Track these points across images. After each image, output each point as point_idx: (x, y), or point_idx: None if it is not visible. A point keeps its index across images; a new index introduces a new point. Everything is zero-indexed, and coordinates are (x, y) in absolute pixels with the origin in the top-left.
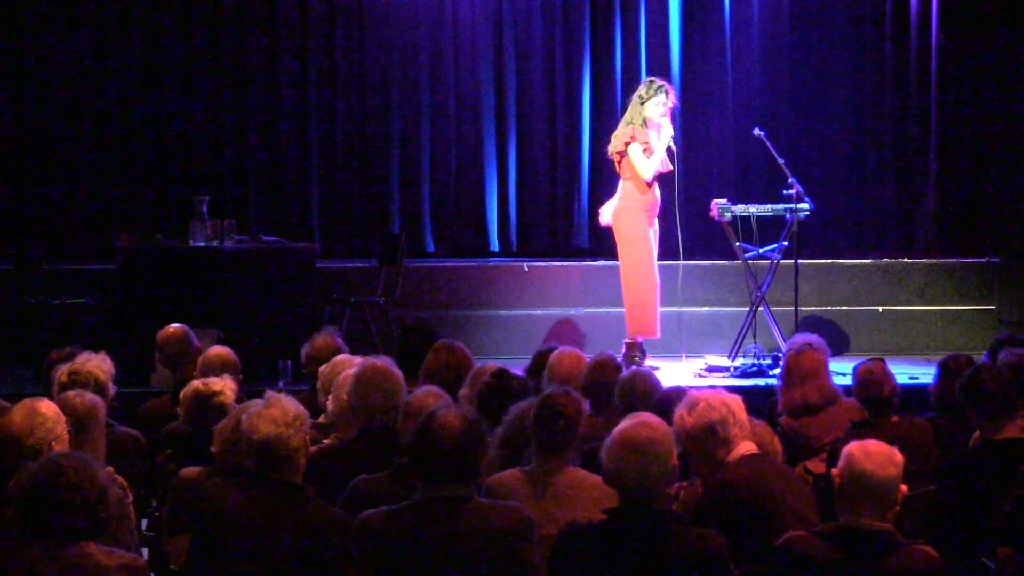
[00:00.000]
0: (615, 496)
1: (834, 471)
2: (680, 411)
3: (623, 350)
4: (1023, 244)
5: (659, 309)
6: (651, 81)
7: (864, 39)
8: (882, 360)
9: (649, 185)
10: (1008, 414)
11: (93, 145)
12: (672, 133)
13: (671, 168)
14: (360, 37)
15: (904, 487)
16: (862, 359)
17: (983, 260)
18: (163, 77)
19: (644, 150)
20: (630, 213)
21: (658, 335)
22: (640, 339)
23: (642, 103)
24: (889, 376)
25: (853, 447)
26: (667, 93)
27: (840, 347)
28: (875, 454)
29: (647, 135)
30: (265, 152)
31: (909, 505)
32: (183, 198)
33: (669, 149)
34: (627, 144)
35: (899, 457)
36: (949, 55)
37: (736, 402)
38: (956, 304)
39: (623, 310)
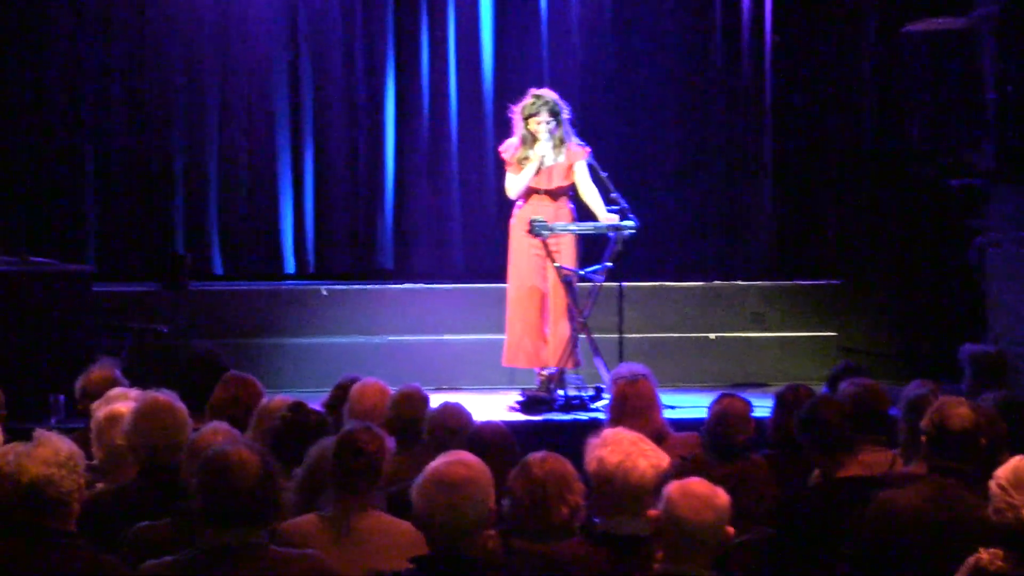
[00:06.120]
0: (423, 542)
1: (652, 513)
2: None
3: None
4: (866, 265)
5: (520, 336)
6: (537, 96)
7: (693, 45)
8: (748, 402)
9: (518, 203)
10: (849, 449)
11: None
12: (543, 153)
13: (558, 186)
14: (139, 37)
15: (730, 529)
16: (693, 390)
17: (823, 282)
18: None
19: (507, 165)
20: (511, 232)
21: (511, 364)
22: (540, 370)
23: (524, 117)
24: (749, 424)
25: (672, 489)
26: (553, 109)
27: (669, 378)
28: (694, 496)
29: (520, 151)
30: (34, 164)
31: (743, 548)
32: None
33: (557, 165)
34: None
35: (722, 499)
36: (784, 61)
37: None
38: (794, 330)
39: (435, 337)
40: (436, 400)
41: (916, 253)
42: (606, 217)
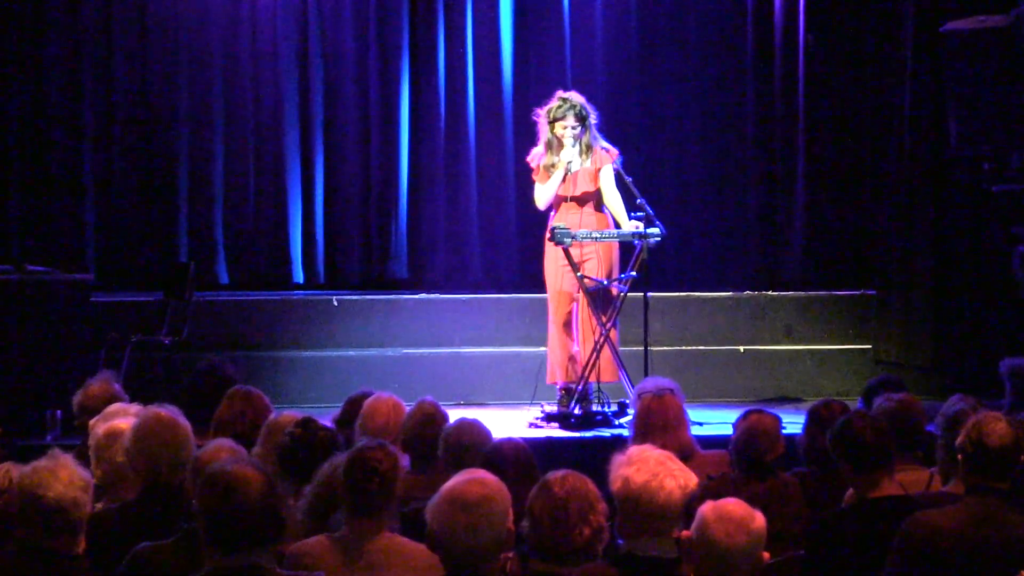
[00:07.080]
0: (438, 565)
1: (685, 533)
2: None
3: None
4: (902, 274)
5: (560, 351)
6: (563, 100)
7: (723, 43)
8: (777, 418)
9: (547, 212)
10: (885, 468)
11: None
12: (570, 159)
13: (584, 191)
14: (142, 38)
15: (766, 554)
16: (722, 405)
17: (857, 293)
18: None
19: (533, 172)
20: (546, 243)
21: (551, 381)
22: (561, 383)
23: (549, 121)
24: (779, 441)
25: (707, 509)
26: (580, 114)
27: (696, 392)
28: (728, 519)
29: (547, 158)
30: (30, 168)
31: (774, 571)
32: None
33: (584, 170)
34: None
35: (758, 522)
36: (818, 61)
37: None
38: (828, 343)
39: (451, 350)
40: (453, 416)
41: (955, 262)
42: (629, 224)
